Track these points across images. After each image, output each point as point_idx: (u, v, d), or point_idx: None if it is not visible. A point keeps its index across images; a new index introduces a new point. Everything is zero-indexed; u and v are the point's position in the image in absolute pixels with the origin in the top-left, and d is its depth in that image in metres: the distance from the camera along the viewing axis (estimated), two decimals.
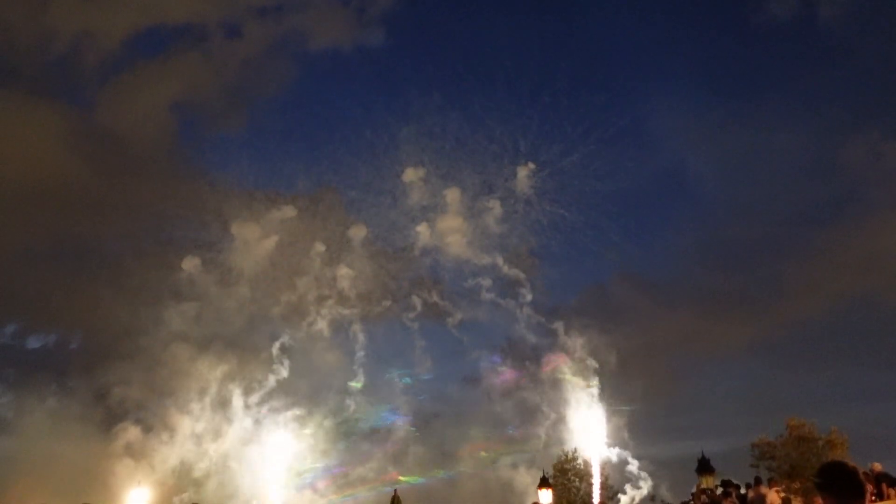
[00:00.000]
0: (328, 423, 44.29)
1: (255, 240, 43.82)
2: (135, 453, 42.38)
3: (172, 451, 42.68)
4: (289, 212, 43.91)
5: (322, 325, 43.42)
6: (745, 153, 56.02)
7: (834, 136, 56.02)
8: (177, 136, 51.26)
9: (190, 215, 45.30)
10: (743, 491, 25.05)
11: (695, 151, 57.09)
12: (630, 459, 43.22)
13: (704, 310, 54.05)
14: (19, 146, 46.89)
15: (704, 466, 38.90)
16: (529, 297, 44.90)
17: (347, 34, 51.76)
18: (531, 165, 45.19)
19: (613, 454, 43.32)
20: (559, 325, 45.17)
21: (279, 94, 53.16)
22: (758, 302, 54.92)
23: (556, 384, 46.06)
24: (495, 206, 45.23)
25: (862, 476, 4.44)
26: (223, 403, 43.21)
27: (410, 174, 44.63)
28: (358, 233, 44.82)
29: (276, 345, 43.11)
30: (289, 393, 43.67)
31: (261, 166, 47.46)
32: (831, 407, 49.44)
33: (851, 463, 4.56)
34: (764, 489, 24.09)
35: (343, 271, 43.96)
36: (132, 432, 43.32)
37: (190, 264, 43.24)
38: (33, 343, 47.52)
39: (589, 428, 43.51)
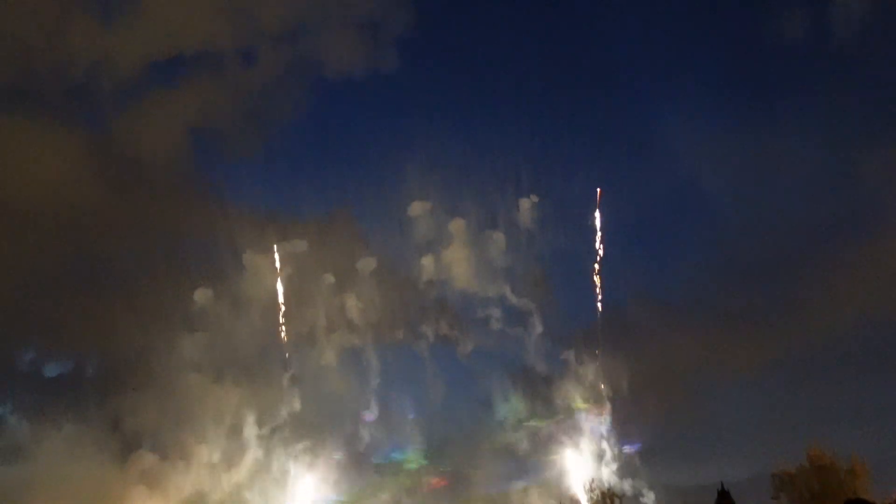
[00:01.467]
0: (341, 453, 44.59)
1: (266, 270, 44.65)
2: (150, 481, 42.80)
3: (187, 480, 43.03)
4: (300, 245, 45.03)
5: (332, 355, 44.06)
6: (760, 170, 55.31)
7: (850, 152, 55.05)
8: (192, 162, 51.42)
9: (204, 245, 45.78)
10: None
11: (708, 169, 56.47)
12: (645, 491, 42.92)
13: (720, 330, 53.25)
14: (38, 171, 47.50)
15: (724, 498, 38.28)
16: (539, 325, 45.60)
17: (361, 60, 51.77)
18: (534, 198, 45.76)
19: (627, 485, 43.13)
20: (570, 353, 45.56)
21: (294, 119, 53.47)
22: (775, 320, 54.12)
23: (568, 411, 46.01)
24: (499, 238, 46.11)
25: None
26: (236, 433, 43.56)
27: (417, 207, 45.45)
28: (367, 264, 45.68)
29: (287, 375, 43.90)
30: (301, 423, 44.08)
31: (273, 194, 47.57)
32: (852, 426, 48.36)
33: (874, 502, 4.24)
34: None
35: (352, 301, 44.71)
36: (147, 460, 43.76)
37: (202, 295, 44.07)
38: (51, 371, 47.89)
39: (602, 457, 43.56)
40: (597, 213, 46.13)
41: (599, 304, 45.95)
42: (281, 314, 44.46)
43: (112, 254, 47.38)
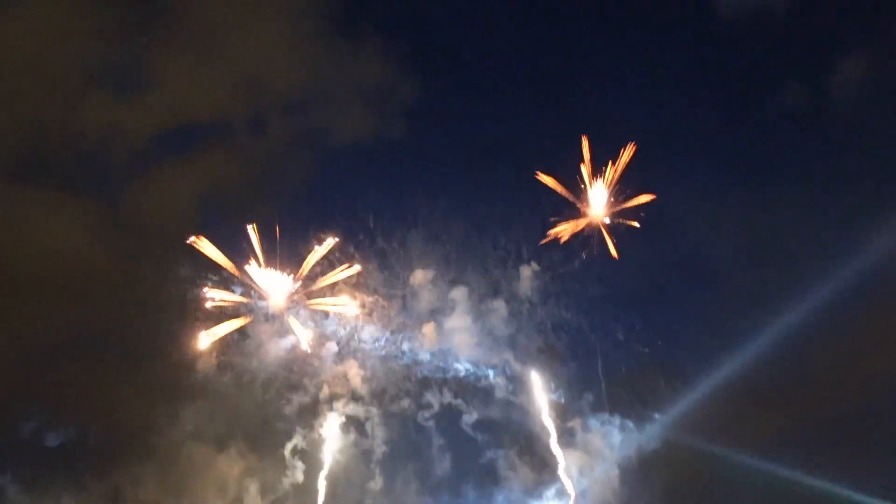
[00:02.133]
0: None
1: (268, 338, 45.28)
2: None
3: None
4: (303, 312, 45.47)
5: (335, 425, 44.25)
6: (765, 238, 55.02)
7: (859, 218, 54.89)
8: (200, 228, 51.70)
9: (208, 313, 46.04)
10: None
11: (713, 239, 56.13)
12: None
13: (733, 401, 52.40)
14: (46, 240, 48.13)
15: None
16: (545, 394, 46.15)
17: (368, 128, 52.61)
18: (534, 266, 46.71)
19: None
20: (577, 422, 45.54)
21: (301, 186, 53.74)
22: (788, 391, 53.27)
23: (576, 481, 45.63)
24: (501, 307, 46.93)
25: None
26: None
27: (419, 276, 46.58)
28: (369, 332, 46.39)
29: (290, 445, 43.98)
30: (304, 495, 43.90)
31: (279, 261, 47.82)
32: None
33: None
34: None
35: (354, 370, 45.35)
36: None
37: (206, 363, 44.47)
38: (52, 440, 47.67)
39: None
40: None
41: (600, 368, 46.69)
42: (283, 383, 45.00)
43: (117, 322, 47.50)
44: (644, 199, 47.24)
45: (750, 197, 56.33)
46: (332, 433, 45.11)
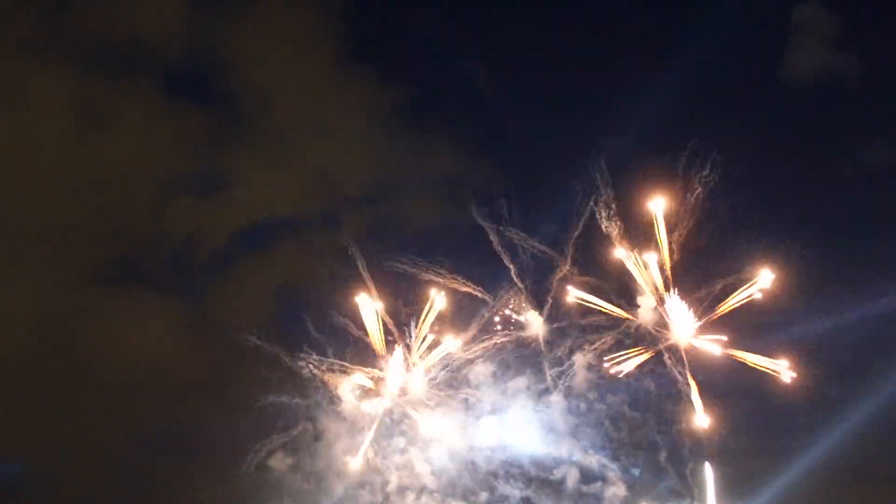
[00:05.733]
0: None
1: (344, 433, 46.35)
2: None
3: None
4: (379, 404, 46.59)
5: None
6: (859, 307, 52.43)
7: None
8: (277, 322, 53.27)
9: (283, 410, 47.25)
10: None
11: (800, 310, 53.92)
12: None
13: (830, 481, 49.44)
14: (134, 340, 50.70)
15: None
16: (620, 482, 45.50)
17: (439, 215, 53.67)
18: (589, 357, 46.31)
19: None
20: None
21: (375, 275, 54.77)
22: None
23: None
24: (559, 401, 46.67)
25: None
26: None
27: (480, 371, 46.85)
28: (433, 426, 46.58)
29: None
30: None
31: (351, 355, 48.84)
32: None
33: None
34: None
35: (423, 466, 45.56)
36: None
37: (279, 462, 45.76)
38: None
39: None
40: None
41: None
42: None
43: (197, 417, 49.10)
44: None
45: (832, 264, 53.90)
46: None
